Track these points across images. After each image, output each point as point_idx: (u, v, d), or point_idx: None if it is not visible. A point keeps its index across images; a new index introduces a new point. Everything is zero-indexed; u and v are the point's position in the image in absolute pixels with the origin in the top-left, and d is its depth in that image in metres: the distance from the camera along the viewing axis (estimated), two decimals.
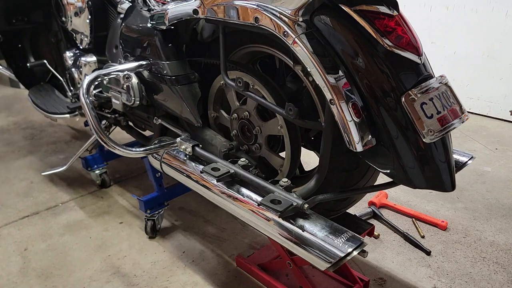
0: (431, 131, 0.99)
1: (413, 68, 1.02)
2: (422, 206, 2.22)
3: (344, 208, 1.41)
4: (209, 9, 1.26)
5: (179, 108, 1.57)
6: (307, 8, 1.05)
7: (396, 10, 1.00)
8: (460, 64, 3.47)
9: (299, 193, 1.22)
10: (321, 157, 1.18)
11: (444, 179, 1.04)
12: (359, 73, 1.02)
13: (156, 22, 1.48)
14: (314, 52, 1.03)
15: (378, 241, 1.95)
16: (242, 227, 2.05)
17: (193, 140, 1.57)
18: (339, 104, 1.01)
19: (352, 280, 1.59)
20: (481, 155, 2.78)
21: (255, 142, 1.45)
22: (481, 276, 1.74)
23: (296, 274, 1.55)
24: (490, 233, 2.00)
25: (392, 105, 1.00)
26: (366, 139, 1.03)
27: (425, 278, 1.73)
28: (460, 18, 3.37)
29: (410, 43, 1.00)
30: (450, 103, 1.06)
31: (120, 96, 1.72)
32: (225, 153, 1.48)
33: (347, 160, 1.24)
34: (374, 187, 1.32)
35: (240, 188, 1.35)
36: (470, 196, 2.32)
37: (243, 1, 1.16)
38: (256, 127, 1.41)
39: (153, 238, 1.99)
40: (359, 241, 1.10)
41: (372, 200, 2.20)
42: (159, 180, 1.98)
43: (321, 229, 1.15)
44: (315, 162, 1.31)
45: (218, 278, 1.74)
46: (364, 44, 1.00)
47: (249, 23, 1.15)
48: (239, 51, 1.43)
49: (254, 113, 1.39)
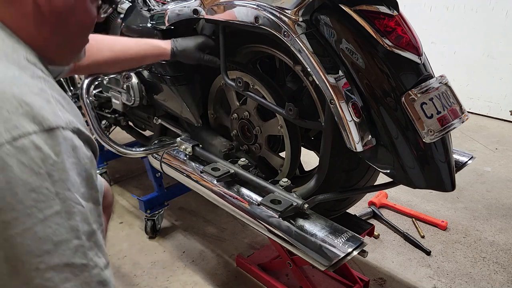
0: (431, 131, 0.99)
1: (413, 68, 1.02)
2: (422, 206, 2.22)
3: (344, 208, 1.40)
4: (209, 9, 1.26)
5: (179, 108, 1.57)
6: (307, 8, 1.05)
7: (396, 10, 1.00)
8: (460, 64, 3.47)
9: (299, 193, 1.22)
10: (321, 157, 1.18)
11: (444, 179, 1.04)
12: (359, 73, 1.01)
13: (156, 22, 1.48)
14: (314, 52, 1.03)
15: (378, 241, 1.95)
16: (242, 227, 2.05)
17: (193, 140, 1.57)
18: (339, 104, 1.01)
19: (352, 280, 1.59)
20: (481, 155, 2.78)
21: (255, 142, 1.45)
22: (481, 276, 1.74)
23: (296, 274, 1.55)
24: (490, 233, 2.00)
25: (392, 105, 1.00)
26: (366, 139, 1.03)
27: (425, 278, 1.73)
28: (460, 18, 3.37)
29: (410, 43, 1.00)
30: (450, 103, 1.06)
31: (120, 96, 1.72)
32: (225, 153, 1.48)
33: (347, 160, 1.24)
34: (374, 187, 1.32)
35: (240, 188, 1.35)
36: (470, 196, 2.32)
37: (243, 1, 1.16)
38: (256, 127, 1.41)
39: (153, 238, 1.99)
40: (359, 241, 1.10)
41: (372, 200, 2.20)
42: (159, 180, 1.98)
43: (321, 229, 1.15)
44: (315, 162, 1.31)
45: (218, 278, 1.74)
46: (364, 44, 1.00)
47: (249, 23, 1.15)
48: (241, 51, 1.43)
49: (254, 113, 1.39)
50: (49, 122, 0.54)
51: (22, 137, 0.52)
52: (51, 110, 0.56)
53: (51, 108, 0.56)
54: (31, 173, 0.52)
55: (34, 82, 0.58)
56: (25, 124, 0.52)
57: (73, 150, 0.56)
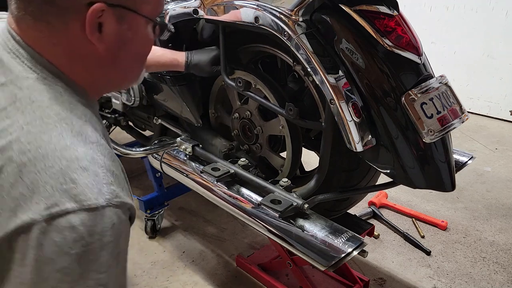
0: (431, 131, 0.99)
1: (413, 68, 1.02)
2: (422, 206, 2.22)
3: (345, 208, 1.40)
4: (209, 9, 1.26)
5: (179, 108, 1.57)
6: (307, 8, 1.05)
7: (396, 10, 1.00)
8: (460, 64, 3.47)
9: (299, 193, 1.22)
10: (321, 157, 1.18)
11: (444, 179, 1.04)
12: (359, 73, 1.01)
13: None
14: (314, 52, 1.03)
15: (378, 241, 1.95)
16: (242, 227, 2.05)
17: (193, 140, 1.57)
18: (339, 104, 1.01)
19: (352, 280, 1.59)
20: (481, 155, 2.78)
21: (256, 141, 1.44)
22: (481, 276, 1.74)
23: (296, 274, 1.55)
24: (490, 233, 2.00)
25: (392, 105, 1.00)
26: (366, 139, 1.03)
27: (425, 278, 1.73)
28: (460, 18, 3.37)
29: (410, 43, 1.00)
30: (450, 103, 1.06)
31: (120, 96, 1.72)
32: (225, 153, 1.47)
33: (347, 160, 1.23)
34: (374, 187, 1.32)
35: (240, 188, 1.35)
36: (470, 196, 2.32)
37: (243, 1, 1.16)
38: (258, 127, 1.41)
39: (153, 238, 1.99)
40: (359, 241, 1.10)
41: (372, 200, 2.19)
42: (159, 180, 1.98)
43: (321, 229, 1.15)
44: (315, 162, 1.31)
45: (218, 278, 1.74)
46: (364, 44, 1.00)
47: (249, 23, 1.15)
48: (241, 50, 1.43)
49: (255, 113, 1.39)
50: (90, 202, 0.53)
51: (60, 215, 0.52)
52: (97, 187, 0.55)
53: (97, 184, 0.55)
54: (61, 253, 0.51)
55: (85, 152, 0.57)
56: (65, 202, 0.52)
57: (111, 228, 0.55)
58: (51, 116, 0.57)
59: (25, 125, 0.56)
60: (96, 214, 0.54)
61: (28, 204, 0.52)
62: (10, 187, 0.53)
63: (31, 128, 0.56)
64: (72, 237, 0.52)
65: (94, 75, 0.65)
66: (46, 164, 0.54)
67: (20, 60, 0.60)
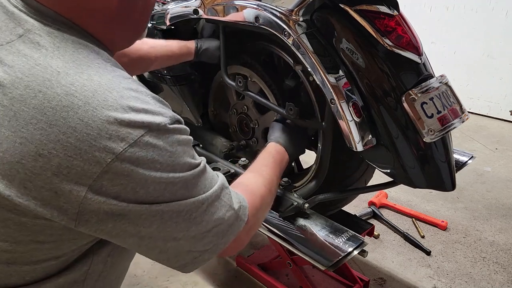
0: (431, 131, 0.99)
1: (413, 68, 1.02)
2: (422, 206, 2.22)
3: (341, 205, 1.40)
4: (209, 9, 1.26)
5: (179, 108, 1.57)
6: (307, 8, 1.05)
7: (396, 10, 1.00)
8: (460, 64, 3.47)
9: (300, 193, 1.22)
10: (321, 157, 1.18)
11: (444, 179, 1.04)
12: (359, 72, 1.02)
13: (156, 22, 1.48)
14: (314, 51, 1.03)
15: (378, 241, 1.95)
16: None
17: (194, 140, 1.57)
18: (340, 104, 1.01)
19: (352, 280, 1.59)
20: (481, 155, 2.78)
21: (252, 136, 1.44)
22: (481, 276, 1.74)
23: (296, 274, 1.55)
24: (490, 233, 2.00)
25: (392, 104, 1.00)
26: (366, 139, 1.03)
27: (425, 278, 1.73)
28: (460, 18, 3.37)
29: (410, 43, 1.00)
30: (450, 102, 1.06)
31: None
32: (226, 153, 1.48)
33: (347, 159, 1.23)
34: (374, 186, 1.32)
35: None
36: (470, 196, 2.32)
37: (243, 1, 1.17)
38: (254, 121, 1.41)
39: None
40: (359, 241, 1.10)
41: (372, 200, 2.20)
42: None
43: (321, 228, 1.15)
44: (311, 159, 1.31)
45: (218, 278, 1.74)
46: (365, 43, 1.00)
47: (249, 23, 1.15)
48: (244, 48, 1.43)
49: (251, 106, 1.39)
50: (158, 121, 0.59)
51: (137, 141, 0.56)
52: (154, 109, 0.60)
53: (154, 107, 0.61)
54: (152, 169, 0.59)
55: (128, 84, 0.59)
56: (135, 130, 0.57)
57: (179, 141, 0.63)
58: (80, 58, 0.58)
59: (60, 69, 0.56)
60: (165, 130, 0.61)
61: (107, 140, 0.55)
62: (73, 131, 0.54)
63: (68, 71, 0.56)
64: (157, 152, 0.59)
65: (109, 29, 0.65)
66: (99, 99, 0.55)
67: (31, 13, 0.59)
